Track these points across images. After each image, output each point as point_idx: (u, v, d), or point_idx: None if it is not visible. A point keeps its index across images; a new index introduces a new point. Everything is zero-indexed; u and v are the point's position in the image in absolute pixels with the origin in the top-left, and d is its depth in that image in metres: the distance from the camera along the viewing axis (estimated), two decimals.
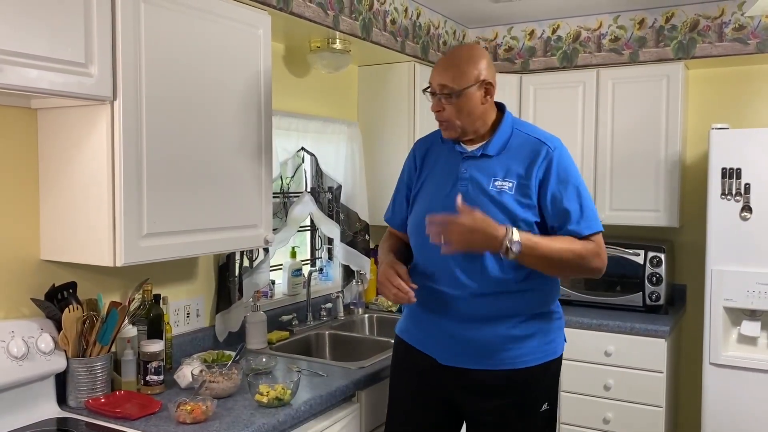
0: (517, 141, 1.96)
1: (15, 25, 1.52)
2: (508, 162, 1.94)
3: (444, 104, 1.92)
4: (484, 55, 1.96)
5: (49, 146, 1.93)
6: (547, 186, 1.90)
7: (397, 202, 2.19)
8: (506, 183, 1.92)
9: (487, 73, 1.94)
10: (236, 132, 2.15)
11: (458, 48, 2.00)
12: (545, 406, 1.97)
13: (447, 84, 1.90)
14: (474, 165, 1.97)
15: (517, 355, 1.92)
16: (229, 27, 2.10)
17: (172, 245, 1.94)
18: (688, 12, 3.32)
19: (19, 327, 1.84)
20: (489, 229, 1.78)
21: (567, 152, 1.97)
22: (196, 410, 1.80)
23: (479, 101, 1.92)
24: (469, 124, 1.95)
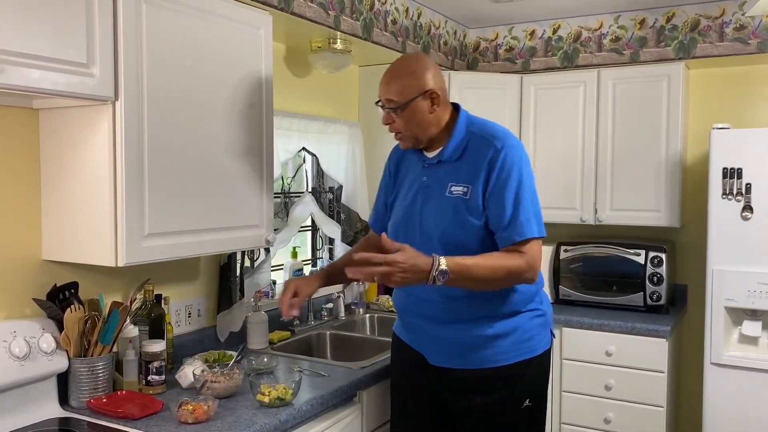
0: (472, 143, 1.96)
1: (17, 25, 1.53)
2: (464, 166, 1.95)
3: (393, 117, 1.94)
4: (428, 65, 1.95)
5: (51, 146, 1.93)
6: (488, 188, 1.90)
7: (377, 208, 2.26)
8: (461, 188, 1.94)
9: (433, 82, 1.93)
10: (238, 132, 2.15)
11: (401, 60, 1.99)
12: (527, 403, 2.00)
13: (392, 98, 1.92)
14: (433, 172, 2.00)
15: (493, 354, 1.97)
16: (230, 27, 2.11)
17: (173, 245, 1.94)
18: (689, 12, 3.32)
19: (21, 327, 1.84)
20: (418, 265, 1.74)
21: (517, 152, 1.93)
22: (197, 410, 1.80)
23: (427, 111, 1.93)
24: (420, 134, 1.97)
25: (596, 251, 3.43)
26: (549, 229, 3.74)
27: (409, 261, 1.72)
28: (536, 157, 3.62)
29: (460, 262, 1.79)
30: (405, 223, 2.04)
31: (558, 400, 3.28)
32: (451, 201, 1.94)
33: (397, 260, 1.71)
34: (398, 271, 1.71)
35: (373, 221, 2.29)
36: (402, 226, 2.05)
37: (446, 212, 1.94)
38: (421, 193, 2.02)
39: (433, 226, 1.97)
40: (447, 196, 1.95)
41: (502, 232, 1.88)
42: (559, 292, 3.50)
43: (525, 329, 2.00)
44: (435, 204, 1.97)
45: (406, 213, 2.05)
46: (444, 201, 1.95)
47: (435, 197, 1.98)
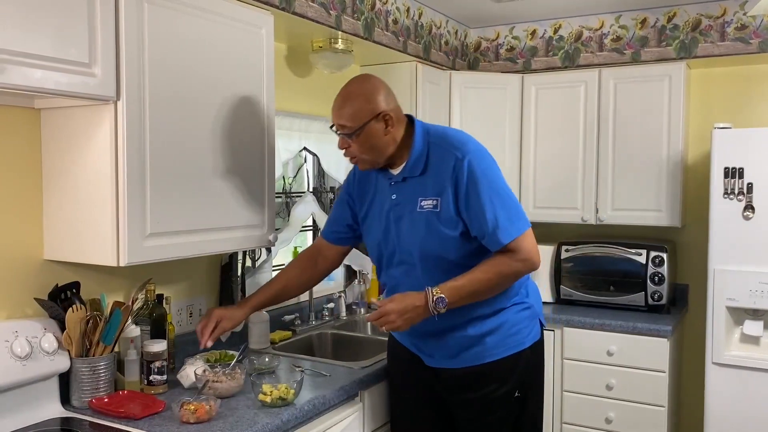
0: (433, 155, 1.97)
1: (19, 25, 1.52)
2: (429, 179, 1.97)
3: (348, 142, 1.95)
4: (378, 87, 1.95)
5: (53, 146, 1.93)
6: (462, 197, 1.92)
7: (334, 219, 2.26)
8: (430, 201, 1.96)
9: (385, 103, 1.93)
10: (239, 132, 2.15)
11: (350, 84, 1.97)
12: (516, 394, 2.06)
13: (345, 123, 1.92)
14: (401, 189, 2.02)
15: (482, 351, 2.03)
16: (231, 27, 2.11)
17: (175, 245, 1.94)
18: (690, 11, 3.32)
19: (23, 327, 1.83)
20: (412, 303, 1.88)
21: (479, 156, 1.94)
22: (199, 410, 1.80)
23: (381, 133, 1.94)
24: (378, 156, 1.97)
25: (597, 251, 3.43)
26: (550, 229, 3.80)
27: (401, 305, 1.87)
28: (537, 157, 3.62)
29: (453, 286, 1.89)
30: (385, 243, 2.07)
31: (559, 400, 3.28)
32: (423, 215, 1.97)
33: (388, 309, 1.86)
34: (396, 317, 1.86)
35: (327, 232, 2.28)
36: (383, 246, 2.09)
37: (419, 227, 1.97)
38: (392, 211, 2.04)
39: (409, 243, 2.00)
40: (418, 211, 1.98)
41: (489, 238, 1.91)
42: (560, 291, 3.50)
43: (512, 323, 2.04)
44: (408, 220, 2.00)
45: (383, 233, 2.07)
46: (416, 216, 1.98)
47: (407, 214, 2.00)
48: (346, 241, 2.27)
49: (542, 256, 3.49)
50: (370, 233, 2.14)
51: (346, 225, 2.22)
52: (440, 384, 2.12)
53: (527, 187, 3.65)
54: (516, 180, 3.66)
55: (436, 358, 2.10)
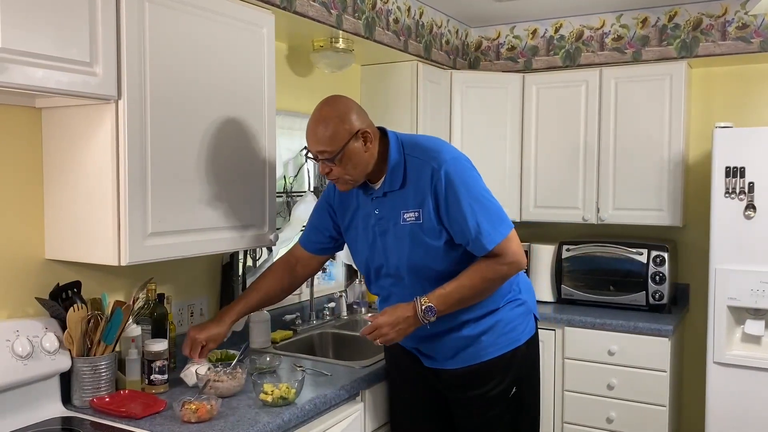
0: (412, 167, 1.97)
1: (21, 24, 1.52)
2: (410, 192, 1.98)
3: (329, 166, 1.93)
4: (349, 107, 1.93)
5: (54, 145, 1.93)
6: (442, 207, 1.93)
7: (312, 228, 2.24)
8: (412, 214, 1.97)
9: (359, 122, 1.92)
10: (240, 131, 2.15)
11: (321, 109, 1.93)
12: (513, 390, 2.09)
13: (325, 149, 1.90)
14: (383, 203, 2.03)
15: (478, 350, 2.06)
16: (233, 26, 2.10)
17: (176, 244, 1.94)
18: (691, 11, 3.32)
19: (24, 326, 1.83)
20: (402, 314, 1.92)
21: (455, 163, 1.94)
22: (200, 409, 1.80)
23: (362, 151, 1.93)
24: (359, 174, 1.97)
25: (598, 250, 3.43)
26: (551, 228, 3.80)
27: (393, 317, 1.91)
28: (538, 156, 3.62)
29: (441, 294, 1.92)
30: (371, 257, 2.09)
31: (560, 400, 3.28)
32: (407, 228, 1.98)
33: (380, 323, 1.92)
34: (388, 329, 1.91)
35: (307, 242, 2.26)
36: (370, 260, 2.10)
37: (404, 240, 1.99)
38: (377, 226, 2.05)
39: (396, 256, 2.02)
40: (402, 224, 1.99)
41: (473, 244, 1.93)
42: (561, 291, 3.50)
43: (507, 321, 2.07)
44: (392, 234, 2.02)
45: (370, 247, 2.08)
46: (400, 230, 2.00)
47: (391, 227, 2.02)
48: (327, 251, 2.27)
49: (543, 256, 3.54)
50: (356, 247, 2.15)
51: (328, 236, 2.22)
52: (440, 383, 2.15)
53: (528, 187, 3.65)
54: (517, 179, 3.66)
55: (434, 359, 2.13)
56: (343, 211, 2.15)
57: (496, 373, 2.07)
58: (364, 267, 2.15)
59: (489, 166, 3.59)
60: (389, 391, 2.34)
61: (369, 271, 2.14)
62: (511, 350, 2.07)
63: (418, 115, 3.27)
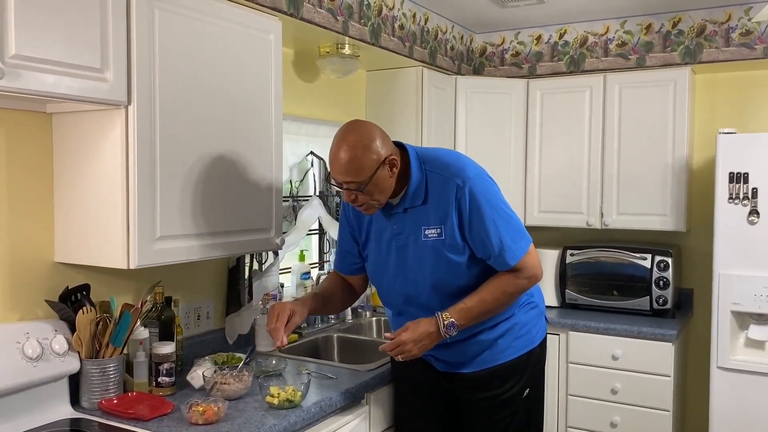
0: (433, 184, 1.97)
1: (33, 31, 1.55)
2: (431, 208, 1.97)
3: (356, 194, 1.90)
4: (374, 134, 1.88)
5: (64, 150, 1.95)
6: (466, 223, 1.94)
7: (341, 250, 2.24)
8: (434, 230, 1.97)
9: (385, 149, 1.88)
10: (247, 136, 2.18)
11: (346, 138, 1.87)
12: (527, 392, 2.11)
13: (352, 181, 1.86)
14: (402, 219, 2.02)
15: (495, 353, 2.08)
16: (240, 33, 2.13)
17: (184, 248, 1.96)
18: (695, 17, 3.34)
19: (34, 328, 1.86)
20: (426, 330, 1.92)
21: (479, 180, 1.94)
22: (208, 411, 1.82)
23: (388, 176, 1.91)
24: (385, 198, 1.96)
25: (602, 255, 3.44)
26: (555, 233, 3.81)
27: (416, 333, 1.91)
28: (542, 162, 3.63)
29: (462, 308, 1.93)
30: (384, 271, 2.09)
31: (564, 404, 3.29)
32: (429, 244, 1.98)
33: (404, 339, 1.91)
34: (411, 346, 1.91)
35: (339, 265, 2.27)
36: (383, 273, 2.10)
37: (427, 256, 1.98)
38: (395, 241, 2.03)
39: (418, 272, 2.01)
40: (423, 240, 1.98)
41: (495, 260, 1.96)
42: (565, 296, 3.51)
43: (522, 324, 2.10)
44: (413, 251, 2.00)
45: (384, 262, 2.07)
46: (421, 246, 1.99)
47: (411, 244, 2.01)
48: (363, 270, 2.23)
49: (547, 261, 3.55)
50: (370, 260, 2.15)
51: (357, 253, 2.20)
52: (452, 386, 2.16)
53: (532, 192, 3.66)
54: (521, 184, 3.68)
55: (450, 364, 2.13)
56: (360, 225, 2.15)
57: (512, 375, 2.09)
58: (377, 279, 2.15)
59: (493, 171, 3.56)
60: (395, 394, 2.34)
61: (381, 284, 2.13)
62: (527, 352, 2.10)
63: (423, 120, 3.28)
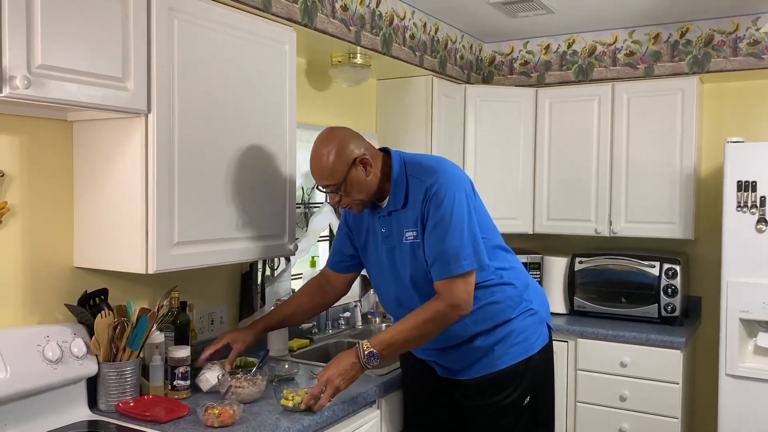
0: (413, 187, 2.02)
1: (58, 42, 1.59)
2: (410, 211, 2.03)
3: (338, 195, 2.02)
4: (343, 137, 1.98)
5: (84, 157, 1.99)
6: (426, 227, 1.98)
7: (336, 250, 2.33)
8: (411, 233, 2.03)
9: (356, 149, 1.98)
10: (262, 144, 2.21)
11: (318, 145, 1.99)
12: (527, 400, 2.12)
13: (329, 183, 1.99)
14: (388, 222, 2.09)
15: (492, 360, 2.10)
16: (256, 42, 2.17)
17: (201, 253, 2.00)
18: (703, 27, 3.36)
19: (54, 332, 1.89)
20: (347, 362, 1.95)
21: (446, 185, 1.95)
22: (223, 414, 1.85)
23: (363, 176, 2.00)
24: (368, 196, 2.04)
25: (611, 263, 3.46)
26: (564, 241, 3.83)
27: (339, 367, 1.93)
28: (551, 170, 3.66)
29: (383, 339, 1.96)
30: (380, 272, 2.17)
31: (573, 411, 3.30)
32: (408, 246, 2.04)
33: (329, 376, 1.93)
34: (335, 382, 1.92)
35: (332, 263, 2.35)
36: (378, 275, 2.19)
37: (406, 258, 2.05)
38: (384, 243, 2.11)
39: (403, 274, 2.09)
40: (404, 242, 2.05)
41: (431, 268, 1.98)
42: (573, 303, 3.53)
43: (519, 331, 2.11)
44: (398, 252, 2.08)
45: (378, 263, 2.16)
46: (403, 248, 2.06)
47: (396, 245, 2.08)
48: (352, 269, 2.34)
49: (556, 268, 3.57)
50: (368, 263, 2.23)
51: (348, 255, 2.30)
52: (456, 393, 2.20)
53: (541, 200, 3.69)
54: (530, 192, 3.70)
55: (450, 370, 2.18)
56: (358, 230, 2.23)
57: (510, 382, 2.10)
58: (375, 281, 2.24)
59: (502, 179, 3.65)
60: (404, 399, 2.38)
61: (378, 286, 2.23)
62: (525, 359, 2.11)
63: (432, 128, 3.32)
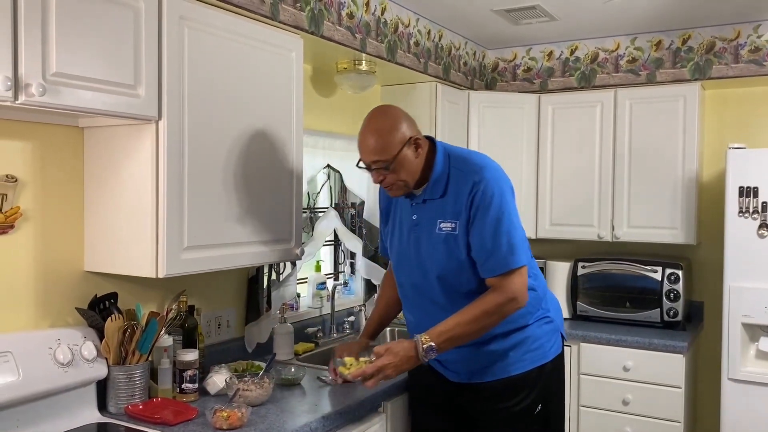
0: (454, 178, 2.01)
1: (72, 50, 1.63)
2: (449, 202, 2.01)
3: (384, 174, 1.98)
4: (400, 116, 2.00)
5: (95, 163, 2.02)
6: (472, 221, 1.96)
7: (382, 239, 2.31)
8: (449, 224, 2.01)
9: (410, 129, 1.98)
10: (270, 150, 2.24)
11: (374, 120, 2.00)
12: (539, 408, 2.10)
13: (379, 158, 1.95)
14: (421, 210, 2.07)
15: (506, 365, 2.08)
16: (264, 50, 2.20)
17: (210, 258, 2.03)
18: (705, 34, 3.39)
19: (65, 335, 1.92)
20: (406, 354, 1.92)
21: (495, 182, 1.97)
22: (232, 417, 1.87)
23: (413, 157, 1.99)
24: (411, 179, 2.01)
25: (613, 268, 3.48)
26: (566, 246, 3.85)
27: (396, 358, 1.91)
28: (554, 175, 3.69)
29: (442, 331, 1.93)
30: (405, 262, 2.13)
31: (576, 415, 3.32)
32: (442, 237, 2.01)
33: (385, 364, 1.91)
34: (387, 372, 1.91)
35: (383, 252, 2.35)
36: (403, 264, 2.15)
37: (439, 249, 2.02)
38: (413, 231, 2.09)
39: (429, 264, 2.05)
40: (437, 233, 2.02)
41: (485, 264, 1.96)
42: (576, 308, 3.55)
43: (535, 337, 2.10)
44: (427, 241, 2.05)
45: (404, 251, 2.13)
46: (435, 238, 2.03)
47: (426, 235, 2.05)
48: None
49: (559, 273, 3.59)
50: (392, 247, 2.21)
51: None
52: (463, 397, 2.17)
53: (544, 205, 3.71)
54: (533, 198, 3.73)
55: (460, 374, 2.15)
56: (388, 211, 2.23)
57: (522, 388, 2.08)
58: (395, 267, 2.19)
59: None
60: (410, 403, 2.38)
61: (400, 272, 2.17)
62: (538, 367, 2.09)
63: (436, 134, 3.34)
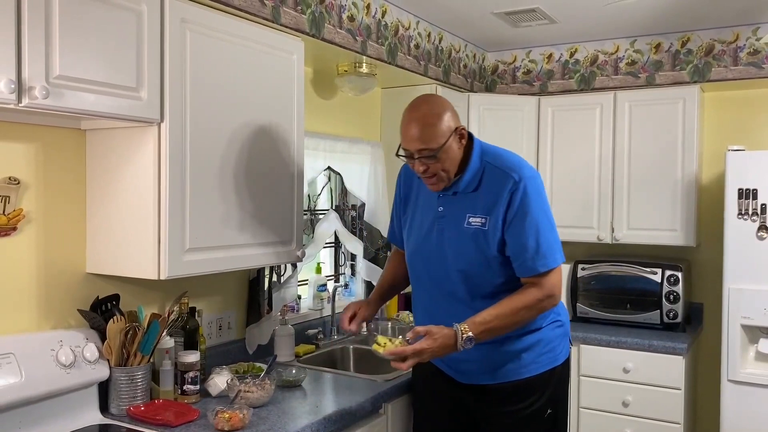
0: (488, 174, 2.00)
1: (75, 53, 1.63)
2: (481, 197, 2.00)
3: (427, 163, 1.95)
4: (446, 104, 1.98)
5: (97, 165, 2.03)
6: (510, 218, 1.95)
7: (394, 222, 2.30)
8: (479, 219, 1.99)
9: (455, 120, 1.97)
10: (271, 152, 2.25)
11: (420, 107, 1.96)
12: (549, 411, 2.09)
13: (427, 147, 1.92)
14: (449, 202, 2.05)
15: (518, 367, 2.05)
16: (265, 53, 2.21)
17: (212, 259, 2.04)
18: (704, 37, 3.41)
19: (67, 337, 1.93)
20: (445, 342, 1.88)
21: (534, 182, 1.98)
22: (233, 418, 1.88)
23: (457, 148, 1.97)
24: (453, 171, 2.00)
25: (613, 270, 3.49)
26: (566, 248, 3.81)
27: (436, 344, 1.87)
28: (554, 177, 3.70)
29: (480, 322, 1.91)
30: (424, 253, 2.09)
31: (576, 417, 3.33)
32: (470, 232, 1.99)
33: (424, 348, 1.87)
34: (423, 356, 1.88)
35: (392, 238, 2.34)
36: (421, 255, 2.11)
37: (466, 243, 1.99)
38: (437, 223, 2.06)
39: (452, 257, 2.02)
40: (465, 227, 1.99)
41: (526, 262, 1.95)
42: (576, 309, 3.56)
43: (547, 341, 2.09)
44: (454, 235, 2.02)
45: (423, 243, 2.09)
46: (463, 232, 2.00)
47: (453, 228, 2.02)
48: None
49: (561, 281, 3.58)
50: (410, 237, 2.17)
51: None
52: (471, 398, 2.13)
53: None
54: None
55: (470, 375, 2.11)
56: (407, 200, 2.20)
57: (533, 391, 2.06)
58: (411, 258, 2.16)
59: None
60: (414, 405, 2.36)
61: (414, 263, 2.15)
62: (549, 370, 2.08)
63: None
